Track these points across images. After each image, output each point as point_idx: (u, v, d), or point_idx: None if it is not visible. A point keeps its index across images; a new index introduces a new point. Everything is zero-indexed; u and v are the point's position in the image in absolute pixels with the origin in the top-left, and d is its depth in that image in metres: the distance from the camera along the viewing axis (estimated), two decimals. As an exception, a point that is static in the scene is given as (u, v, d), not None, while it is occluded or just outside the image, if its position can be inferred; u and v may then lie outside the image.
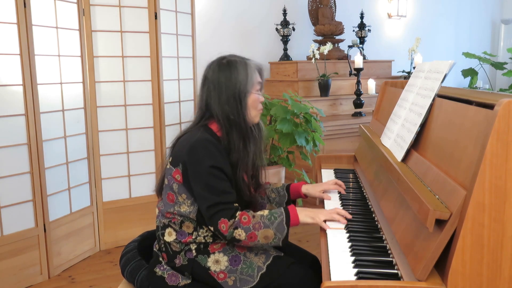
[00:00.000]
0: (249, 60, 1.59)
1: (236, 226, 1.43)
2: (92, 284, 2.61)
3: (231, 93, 1.53)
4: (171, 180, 1.54)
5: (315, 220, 1.50)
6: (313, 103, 3.88)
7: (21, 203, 2.50)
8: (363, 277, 1.14)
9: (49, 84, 2.63)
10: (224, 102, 1.53)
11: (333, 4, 5.22)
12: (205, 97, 1.58)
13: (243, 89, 1.53)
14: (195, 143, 1.48)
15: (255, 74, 1.57)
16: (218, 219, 1.43)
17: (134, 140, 3.07)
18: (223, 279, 1.49)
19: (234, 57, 1.59)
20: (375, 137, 1.94)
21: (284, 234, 1.44)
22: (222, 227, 1.43)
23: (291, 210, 1.49)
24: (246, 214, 1.45)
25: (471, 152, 1.09)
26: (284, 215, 1.46)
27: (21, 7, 2.41)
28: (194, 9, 3.41)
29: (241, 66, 1.55)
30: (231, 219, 1.43)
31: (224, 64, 1.56)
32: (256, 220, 1.44)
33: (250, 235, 1.43)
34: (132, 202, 3.10)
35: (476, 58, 5.02)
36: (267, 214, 1.46)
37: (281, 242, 1.45)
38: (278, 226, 1.44)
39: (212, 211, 1.44)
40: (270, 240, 1.44)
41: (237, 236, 1.43)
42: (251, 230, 1.43)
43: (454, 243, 1.03)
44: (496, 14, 6.90)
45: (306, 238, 3.23)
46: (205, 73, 1.60)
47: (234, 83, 1.53)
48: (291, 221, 1.46)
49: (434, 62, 1.56)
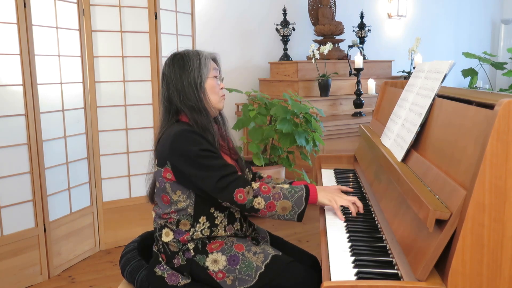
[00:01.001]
0: (201, 51, 1.63)
1: (256, 194, 1.45)
2: (92, 284, 2.61)
3: (188, 83, 1.56)
4: (162, 182, 1.54)
5: (331, 203, 1.54)
6: (313, 103, 3.88)
7: (21, 203, 2.50)
8: (363, 277, 1.14)
9: (49, 84, 2.63)
10: (181, 90, 1.56)
11: (333, 4, 5.22)
12: (167, 93, 1.60)
13: (198, 75, 1.57)
14: (175, 136, 1.49)
15: (209, 61, 1.61)
16: (232, 191, 1.45)
17: (134, 140, 3.07)
18: (221, 278, 1.49)
19: (186, 51, 1.63)
20: (375, 137, 1.94)
21: (301, 208, 1.48)
22: (239, 197, 1.45)
23: (311, 188, 1.52)
24: (265, 184, 1.49)
25: (471, 152, 1.09)
26: (304, 190, 1.50)
27: (21, 7, 2.41)
28: (194, 9, 3.41)
29: (193, 55, 1.59)
30: (246, 187, 1.45)
31: (178, 58, 1.60)
32: (276, 191, 1.47)
33: (269, 204, 1.45)
34: (132, 202, 3.11)
35: (476, 58, 5.03)
36: (288, 187, 1.50)
37: (296, 216, 1.48)
38: (297, 200, 1.47)
39: (222, 184, 1.45)
40: (287, 212, 1.47)
41: (256, 205, 1.45)
42: (270, 199, 1.46)
43: (454, 243, 1.03)
44: (496, 14, 6.90)
45: (306, 238, 3.22)
46: (162, 71, 1.63)
47: (188, 72, 1.56)
48: (310, 198, 1.50)
49: (434, 62, 1.56)
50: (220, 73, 1.66)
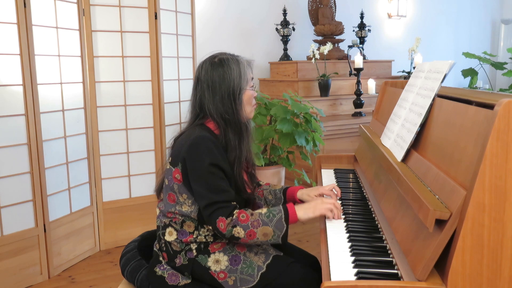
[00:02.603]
0: (239, 56, 1.59)
1: (235, 224, 1.42)
2: (92, 284, 2.61)
3: (226, 92, 1.53)
4: (171, 181, 1.54)
5: (315, 214, 1.52)
6: (313, 103, 3.88)
7: (21, 203, 2.50)
8: (363, 277, 1.14)
9: (49, 84, 2.63)
10: (219, 101, 1.53)
11: (333, 4, 5.22)
12: (199, 98, 1.57)
13: (238, 86, 1.54)
14: (194, 141, 1.47)
15: (248, 70, 1.58)
16: (216, 218, 1.43)
17: (134, 140, 3.07)
18: (223, 278, 1.49)
19: (225, 55, 1.58)
20: (375, 137, 1.94)
21: (283, 231, 1.44)
22: (220, 225, 1.43)
23: (289, 208, 1.48)
24: (244, 212, 1.45)
25: (471, 152, 1.09)
26: (282, 212, 1.46)
27: (21, 7, 2.41)
28: (194, 9, 3.41)
29: (233, 63, 1.55)
30: (228, 217, 1.43)
31: (216, 63, 1.55)
32: (254, 218, 1.44)
33: (249, 233, 1.42)
34: (132, 202, 3.11)
35: (476, 58, 5.03)
36: (266, 212, 1.46)
37: (280, 239, 1.45)
38: (276, 223, 1.43)
39: (210, 210, 1.44)
40: (269, 238, 1.44)
41: (236, 234, 1.42)
42: (249, 228, 1.42)
43: (454, 243, 1.03)
44: (496, 14, 6.90)
45: (306, 238, 3.22)
46: (197, 74, 1.59)
47: (228, 81, 1.53)
48: (290, 218, 1.46)
49: (434, 62, 1.56)
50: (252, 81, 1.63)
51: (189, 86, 3.41)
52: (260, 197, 1.79)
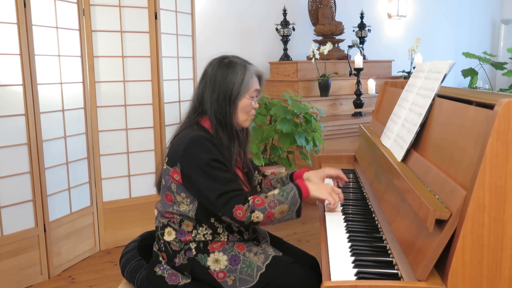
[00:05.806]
0: (251, 64, 1.59)
1: (252, 209, 1.44)
2: (92, 284, 2.61)
3: (223, 92, 1.54)
4: (168, 181, 1.54)
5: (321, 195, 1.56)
6: (313, 103, 3.88)
7: (21, 203, 2.50)
8: (363, 277, 1.14)
9: (49, 84, 2.63)
10: (215, 99, 1.55)
11: (333, 4, 5.22)
12: (201, 92, 1.59)
13: (236, 91, 1.54)
14: (191, 141, 1.49)
15: (253, 79, 1.57)
16: (232, 207, 1.44)
17: (134, 140, 3.07)
18: (222, 278, 1.49)
19: (236, 59, 1.59)
20: (375, 137, 1.94)
21: (297, 205, 1.48)
22: (238, 213, 1.44)
23: (300, 184, 1.52)
24: (258, 197, 1.48)
25: (471, 152, 1.09)
26: (295, 188, 1.50)
27: (21, 7, 2.41)
28: (194, 9, 3.41)
29: (240, 68, 1.55)
30: (245, 204, 1.45)
31: (225, 63, 1.57)
32: (270, 199, 1.47)
33: (267, 215, 1.45)
34: (132, 202, 3.11)
35: (476, 58, 5.03)
36: (278, 191, 1.50)
37: (295, 213, 1.49)
38: (291, 199, 1.48)
39: (223, 200, 1.44)
40: (285, 214, 1.48)
41: (255, 219, 1.45)
42: (267, 209, 1.45)
43: (454, 243, 1.03)
44: (496, 14, 6.90)
45: (306, 238, 3.22)
46: (205, 68, 1.61)
47: (228, 83, 1.54)
48: (303, 193, 1.50)
49: (434, 62, 1.56)
50: (259, 94, 1.64)
51: (189, 86, 3.41)
52: (270, 188, 1.81)
